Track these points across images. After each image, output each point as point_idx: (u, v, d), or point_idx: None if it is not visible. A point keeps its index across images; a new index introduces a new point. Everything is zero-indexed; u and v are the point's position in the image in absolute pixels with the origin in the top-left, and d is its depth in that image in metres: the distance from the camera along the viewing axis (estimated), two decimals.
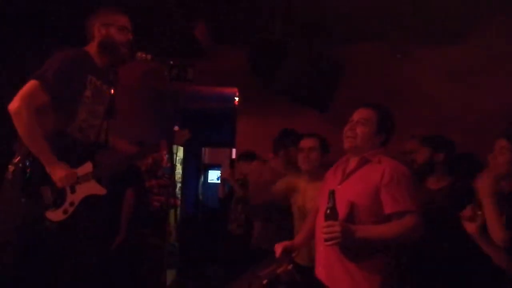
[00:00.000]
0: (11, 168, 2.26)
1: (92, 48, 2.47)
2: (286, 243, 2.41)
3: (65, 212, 2.30)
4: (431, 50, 4.68)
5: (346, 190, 2.13)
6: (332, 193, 2.04)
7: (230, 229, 3.87)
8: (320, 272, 2.21)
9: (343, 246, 2.05)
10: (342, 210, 2.04)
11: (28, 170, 2.24)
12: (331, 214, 2.00)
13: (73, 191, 2.34)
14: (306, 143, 3.02)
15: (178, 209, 4.76)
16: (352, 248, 2.05)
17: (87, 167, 2.40)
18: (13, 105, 2.19)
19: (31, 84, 2.23)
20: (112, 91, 2.57)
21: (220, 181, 4.14)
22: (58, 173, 2.25)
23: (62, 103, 2.30)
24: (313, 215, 2.48)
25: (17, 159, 2.26)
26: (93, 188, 2.41)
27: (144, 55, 2.50)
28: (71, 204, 2.33)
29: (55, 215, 2.28)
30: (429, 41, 4.59)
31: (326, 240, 1.98)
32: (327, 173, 2.41)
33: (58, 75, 2.24)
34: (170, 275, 4.91)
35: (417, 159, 3.06)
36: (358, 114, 2.23)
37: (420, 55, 4.71)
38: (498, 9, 4.04)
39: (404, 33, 4.36)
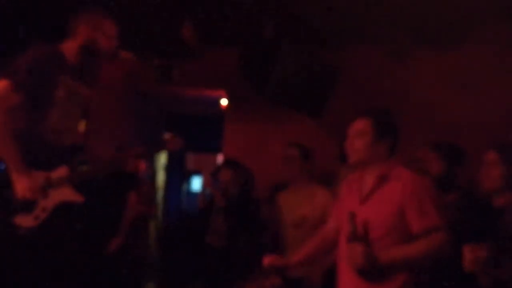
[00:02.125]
0: None
1: (70, 45, 2.38)
2: (276, 258, 2.32)
3: (36, 218, 2.19)
4: (428, 54, 4.63)
5: (368, 212, 2.03)
6: (352, 216, 1.98)
7: (209, 241, 3.73)
8: None
9: (369, 273, 1.95)
10: (365, 234, 1.98)
11: None
12: (354, 238, 1.96)
13: (45, 196, 2.23)
14: (286, 152, 3.21)
15: (159, 219, 4.66)
16: (377, 273, 1.94)
17: (62, 171, 2.29)
18: None
19: (2, 84, 2.14)
20: (88, 92, 2.48)
21: (201, 189, 4.03)
22: (21, 183, 2.15)
23: (32, 103, 2.21)
24: (319, 237, 2.39)
25: None
26: (69, 194, 2.30)
27: (127, 54, 2.47)
28: (44, 209, 2.22)
29: (25, 221, 2.17)
30: (426, 45, 4.55)
31: (350, 264, 1.95)
32: (341, 191, 2.33)
33: (29, 74, 2.17)
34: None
35: (429, 169, 2.90)
36: (353, 127, 2.17)
37: (416, 59, 4.65)
38: (497, 13, 4.02)
39: (400, 36, 4.32)
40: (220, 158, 5.91)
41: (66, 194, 2.29)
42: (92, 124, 2.59)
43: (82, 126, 2.49)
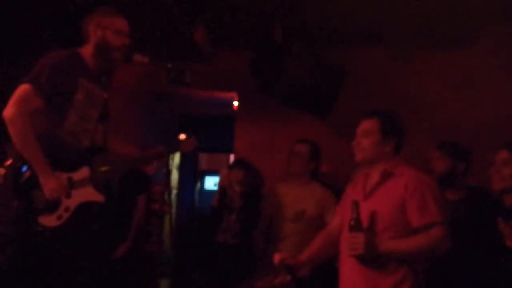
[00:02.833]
0: (1, 171, 2.21)
1: (86, 49, 2.41)
2: (287, 256, 2.32)
3: (59, 217, 2.22)
4: (434, 56, 4.65)
5: (371, 206, 2.09)
6: (356, 204, 2.02)
7: (223, 239, 3.79)
8: None
9: (368, 261, 2.01)
10: (368, 227, 2.04)
11: (20, 173, 2.18)
12: (356, 226, 2.00)
13: (68, 196, 2.26)
14: (295, 147, 3.18)
15: (173, 217, 4.71)
16: (376, 263, 2.00)
17: (84, 172, 2.33)
18: (8, 111, 2.14)
19: (24, 88, 2.17)
20: (105, 95, 2.50)
21: (218, 188, 4.06)
22: (49, 184, 2.18)
23: (53, 106, 2.24)
24: (324, 235, 2.41)
25: (8, 162, 2.21)
26: (90, 194, 2.34)
27: (141, 58, 2.45)
28: (66, 209, 2.25)
29: (48, 221, 2.20)
30: (432, 47, 4.57)
31: (349, 251, 1.99)
32: (347, 189, 2.38)
33: (51, 78, 2.19)
34: (164, 285, 4.84)
35: (435, 168, 2.89)
36: (360, 127, 2.22)
37: (422, 61, 4.67)
38: (499, 15, 4.03)
39: (406, 38, 4.34)
40: (232, 158, 5.97)
41: (88, 194, 2.32)
42: (109, 126, 2.58)
43: (100, 128, 2.47)
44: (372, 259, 1.99)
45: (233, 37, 4.71)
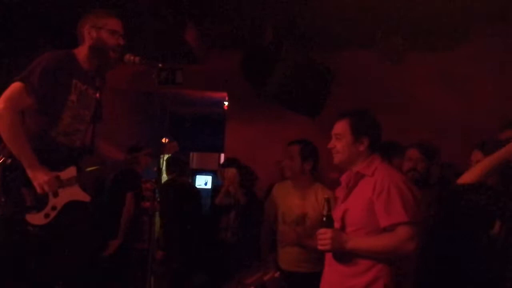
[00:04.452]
0: None
1: (81, 50, 2.43)
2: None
3: (46, 216, 2.24)
4: (423, 57, 4.71)
5: (345, 207, 2.12)
6: (327, 201, 2.06)
7: (223, 237, 3.81)
8: None
9: (342, 259, 2.05)
10: (340, 227, 2.08)
11: (9, 171, 2.19)
12: (326, 222, 2.04)
13: (55, 195, 2.28)
14: (287, 150, 3.08)
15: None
16: (349, 261, 2.04)
17: (71, 171, 2.35)
18: None
19: (15, 86, 2.19)
20: (98, 95, 2.52)
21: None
22: (40, 177, 2.20)
23: (46, 106, 2.26)
24: None
25: (0, 161, 2.22)
26: (77, 193, 2.36)
27: (132, 58, 2.44)
28: (53, 208, 2.27)
29: (36, 219, 2.22)
30: (422, 48, 4.62)
31: (319, 246, 2.02)
32: (336, 192, 2.38)
33: (43, 77, 2.20)
34: (155, 283, 4.85)
35: (417, 167, 2.93)
36: (333, 129, 2.22)
37: (412, 62, 4.72)
38: (492, 17, 4.08)
39: (396, 39, 4.38)
40: (222, 157, 6.00)
41: (75, 193, 2.34)
42: (99, 126, 2.59)
43: (91, 128, 2.49)
44: (344, 256, 2.04)
45: (224, 37, 4.73)
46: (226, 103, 5.55)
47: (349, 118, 2.17)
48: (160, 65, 2.50)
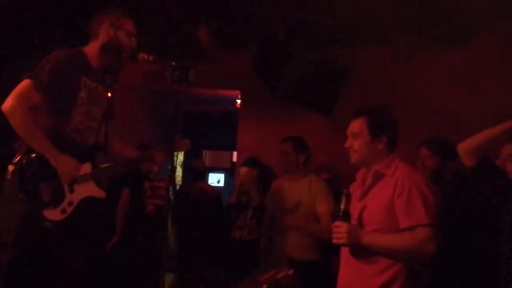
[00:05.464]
0: (10, 168, 2.25)
1: (92, 47, 2.45)
2: None
3: (63, 211, 2.27)
4: (436, 54, 4.65)
5: (364, 207, 2.09)
6: (346, 195, 2.04)
7: (239, 235, 3.84)
8: None
9: (359, 255, 2.03)
10: (358, 223, 2.06)
11: (27, 167, 2.21)
12: (343, 216, 2.02)
13: (71, 191, 2.31)
14: (280, 147, 3.31)
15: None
16: (367, 258, 2.01)
17: (86, 167, 2.38)
18: (6, 104, 2.19)
19: (24, 83, 2.22)
20: (110, 94, 2.54)
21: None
22: (66, 165, 2.25)
23: (56, 103, 2.28)
24: None
25: (17, 159, 2.25)
26: (92, 190, 2.39)
27: (146, 57, 2.46)
28: (70, 203, 2.30)
29: (53, 214, 2.25)
30: (434, 45, 4.57)
31: (334, 240, 2.01)
32: (350, 189, 2.32)
33: (52, 75, 2.23)
34: (169, 279, 4.89)
35: (426, 164, 2.96)
36: (349, 128, 2.17)
37: (424, 59, 4.69)
38: (502, 13, 4.03)
39: (408, 37, 4.35)
40: (235, 156, 6.01)
41: (91, 190, 2.37)
42: (112, 124, 2.62)
43: (103, 126, 2.50)
44: (360, 252, 2.01)
45: (237, 35, 4.74)
46: (238, 101, 5.56)
47: (366, 116, 2.12)
48: (173, 63, 2.51)
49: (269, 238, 3.38)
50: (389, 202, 1.98)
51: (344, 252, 2.14)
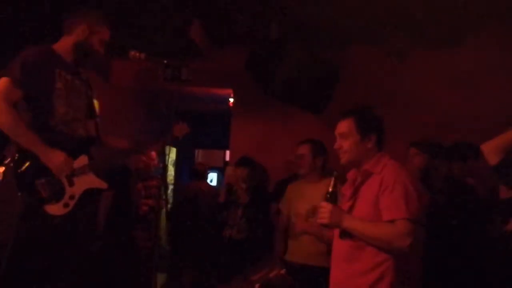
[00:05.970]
0: (1, 169, 2.22)
1: (64, 42, 2.45)
2: None
3: (66, 205, 2.27)
4: (428, 54, 4.70)
5: (353, 205, 2.12)
6: (336, 178, 2.08)
7: (229, 234, 3.84)
8: None
9: (346, 237, 2.06)
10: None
11: (19, 166, 2.19)
12: (330, 198, 2.07)
13: (71, 184, 2.30)
14: (297, 150, 3.25)
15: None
16: (354, 244, 2.04)
17: (83, 159, 2.37)
18: None
19: (3, 81, 2.21)
20: (87, 88, 2.55)
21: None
22: (55, 160, 2.23)
23: (35, 97, 2.28)
24: None
25: (7, 161, 2.23)
26: (93, 181, 2.39)
27: (138, 54, 2.46)
28: (71, 197, 2.29)
29: (55, 209, 2.24)
30: (426, 45, 4.61)
31: (318, 219, 2.08)
32: (342, 189, 2.36)
33: (24, 69, 2.23)
34: (161, 279, 4.88)
35: (415, 163, 3.02)
36: (337, 129, 2.19)
37: (417, 60, 4.72)
38: (496, 15, 4.06)
39: (401, 37, 4.37)
40: (228, 154, 6.00)
41: (91, 181, 2.37)
42: (105, 121, 2.64)
43: (92, 121, 2.52)
44: (349, 238, 2.04)
45: (229, 34, 4.73)
46: (231, 100, 5.55)
47: (353, 116, 2.14)
48: (165, 61, 2.50)
49: (284, 242, 3.30)
50: (375, 198, 2.02)
51: (333, 252, 2.17)
